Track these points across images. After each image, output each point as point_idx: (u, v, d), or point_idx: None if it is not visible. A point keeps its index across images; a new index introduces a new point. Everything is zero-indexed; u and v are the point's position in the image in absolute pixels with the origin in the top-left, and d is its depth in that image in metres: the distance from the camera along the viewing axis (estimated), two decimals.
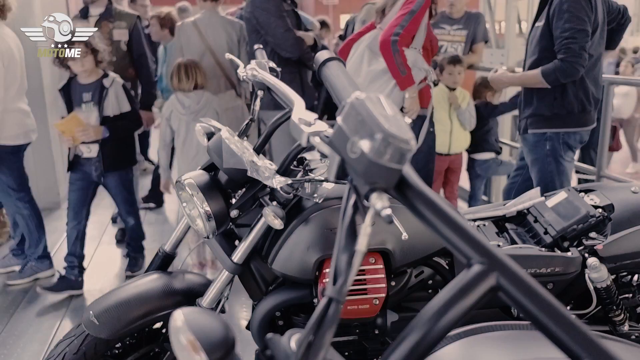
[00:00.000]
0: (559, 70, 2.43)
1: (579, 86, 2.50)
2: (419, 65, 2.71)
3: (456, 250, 0.57)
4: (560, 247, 1.93)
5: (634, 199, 1.99)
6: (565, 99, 2.52)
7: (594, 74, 2.54)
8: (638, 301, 2.07)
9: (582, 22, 2.38)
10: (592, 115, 2.60)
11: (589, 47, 2.43)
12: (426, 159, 2.87)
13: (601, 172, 2.91)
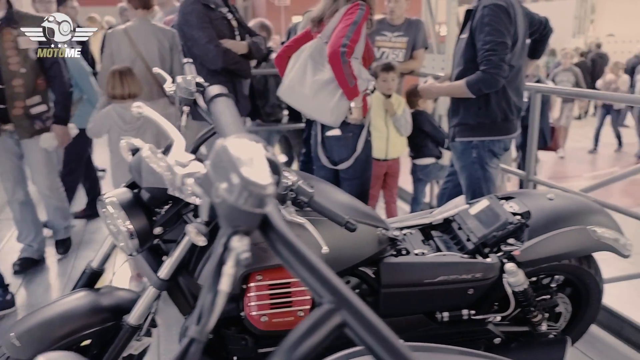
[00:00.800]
0: (481, 81, 2.53)
1: (502, 96, 2.61)
2: (362, 75, 2.75)
3: (311, 289, 0.61)
4: (482, 254, 2.03)
5: (550, 205, 2.10)
6: (489, 109, 2.63)
7: (515, 84, 2.65)
8: (556, 302, 2.20)
9: (502, 35, 2.49)
10: (515, 123, 2.72)
11: (510, 59, 2.54)
12: (364, 167, 2.93)
13: (529, 176, 3.04)
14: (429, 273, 1.90)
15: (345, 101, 2.71)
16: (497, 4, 2.49)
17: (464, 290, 1.94)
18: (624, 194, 7.32)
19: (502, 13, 2.48)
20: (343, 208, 1.84)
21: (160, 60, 3.16)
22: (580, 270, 2.14)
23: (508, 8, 2.50)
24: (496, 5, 2.49)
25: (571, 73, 8.46)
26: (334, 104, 2.70)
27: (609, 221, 2.13)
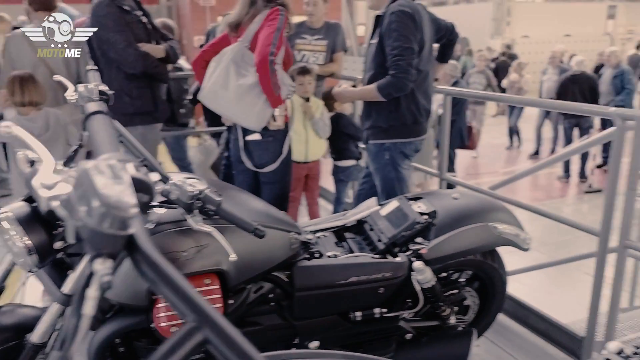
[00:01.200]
0: (390, 85, 2.62)
1: (411, 100, 2.72)
2: (285, 81, 2.77)
3: (175, 308, 0.62)
4: (392, 253, 2.10)
5: (455, 204, 2.21)
6: (399, 112, 2.72)
7: (424, 87, 2.76)
8: (464, 296, 2.31)
9: (409, 41, 2.59)
10: (424, 125, 2.83)
11: (418, 64, 2.65)
12: (284, 171, 2.95)
13: (442, 175, 3.17)
14: (341, 274, 1.95)
15: (269, 107, 2.72)
16: (403, 10, 2.58)
17: (375, 290, 2.01)
18: (536, 188, 7.77)
19: (408, 19, 2.58)
20: (255, 214, 1.86)
21: (65, 64, 3.04)
22: (485, 264, 2.25)
23: (414, 14, 2.59)
24: (402, 12, 2.58)
25: (483, 75, 8.79)
26: (259, 109, 2.71)
27: (510, 217, 2.27)
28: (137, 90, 3.14)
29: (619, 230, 2.20)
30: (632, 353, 1.22)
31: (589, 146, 2.49)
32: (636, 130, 2.02)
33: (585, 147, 2.52)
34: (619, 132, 2.09)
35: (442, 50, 3.03)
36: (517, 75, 9.28)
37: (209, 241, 1.65)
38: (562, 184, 7.77)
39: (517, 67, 9.55)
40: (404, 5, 2.60)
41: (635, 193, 2.10)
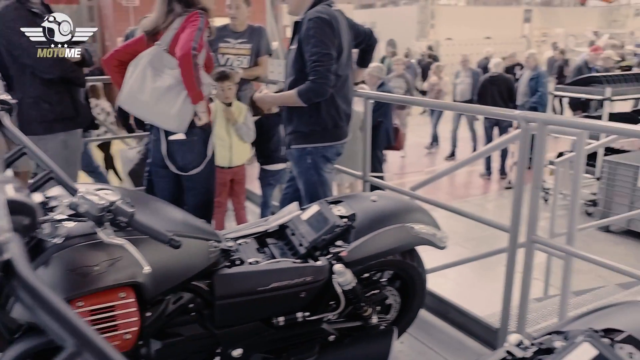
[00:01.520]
0: (310, 91, 2.66)
1: (331, 104, 2.76)
2: (205, 80, 2.75)
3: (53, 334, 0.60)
4: (313, 257, 2.12)
5: (373, 207, 2.26)
6: (319, 116, 2.76)
7: (344, 92, 2.82)
8: (385, 295, 2.37)
9: (327, 47, 2.63)
10: (345, 129, 2.88)
11: (337, 69, 2.70)
12: (207, 176, 2.92)
13: (365, 177, 3.23)
14: (262, 281, 1.96)
15: (189, 105, 2.70)
16: (320, 17, 2.62)
17: (297, 294, 2.02)
18: (460, 185, 8.08)
19: (326, 26, 2.62)
20: (171, 224, 1.83)
21: None
22: (405, 264, 2.32)
23: (331, 21, 2.64)
24: (320, 18, 2.62)
25: (403, 80, 8.93)
26: (177, 109, 2.68)
27: (426, 218, 2.35)
28: (56, 96, 3.02)
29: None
30: (529, 344, 1.30)
31: (499, 147, 2.62)
32: (538, 132, 2.15)
33: (495, 147, 2.65)
34: (524, 133, 2.22)
35: (361, 55, 3.10)
36: (436, 78, 9.54)
37: (122, 254, 1.61)
38: (484, 181, 8.12)
39: (436, 69, 9.79)
40: (321, 12, 2.64)
41: (539, 191, 2.23)
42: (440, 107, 8.81)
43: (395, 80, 8.79)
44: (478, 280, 4.88)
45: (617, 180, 5.91)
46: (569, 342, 1.23)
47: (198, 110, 2.72)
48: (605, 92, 6.33)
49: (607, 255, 5.71)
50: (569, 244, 2.31)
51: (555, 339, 1.28)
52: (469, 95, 8.80)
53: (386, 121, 6.37)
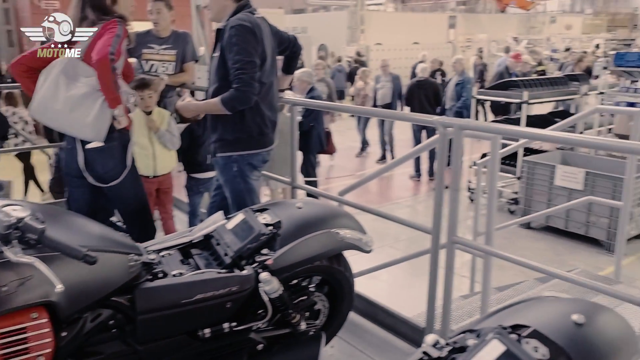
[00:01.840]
0: (234, 99, 2.65)
1: (256, 112, 2.76)
2: (123, 88, 2.68)
3: None
4: (239, 267, 2.11)
5: (299, 214, 2.27)
6: (244, 124, 2.75)
7: (268, 99, 2.82)
8: (314, 301, 2.38)
9: (250, 54, 2.63)
10: (271, 137, 2.89)
11: (261, 76, 2.70)
12: (131, 182, 2.85)
13: (294, 183, 3.25)
14: (186, 293, 1.92)
15: (107, 111, 2.63)
16: (242, 24, 2.61)
17: (223, 305, 2.00)
18: (391, 188, 8.26)
19: (248, 33, 2.61)
20: (87, 239, 1.76)
21: None
22: (332, 269, 2.34)
23: (254, 28, 2.63)
24: (242, 25, 2.61)
25: (325, 84, 8.88)
26: (93, 117, 2.62)
27: (352, 222, 2.38)
28: None
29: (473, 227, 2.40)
30: (445, 344, 1.34)
31: (421, 151, 2.72)
32: (455, 136, 2.23)
33: (418, 151, 2.73)
34: (442, 138, 2.30)
35: (286, 62, 3.11)
36: (362, 83, 9.69)
37: (32, 273, 1.54)
38: (414, 183, 8.35)
39: (362, 74, 9.92)
40: (244, 20, 2.63)
41: (458, 193, 2.32)
42: (364, 113, 8.95)
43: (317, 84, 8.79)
44: (409, 280, 5.00)
45: (536, 179, 6.23)
46: (480, 340, 1.28)
47: (116, 114, 2.66)
48: (523, 95, 6.67)
49: (528, 250, 6.02)
50: (488, 243, 2.41)
51: (468, 338, 1.33)
52: (389, 99, 9.02)
53: (318, 126, 6.43)
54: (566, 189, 5.91)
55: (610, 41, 26.95)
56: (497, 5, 25.53)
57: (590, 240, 5.84)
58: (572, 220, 5.96)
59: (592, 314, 1.34)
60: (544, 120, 7.36)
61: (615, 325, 1.36)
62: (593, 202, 4.66)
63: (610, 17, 35.72)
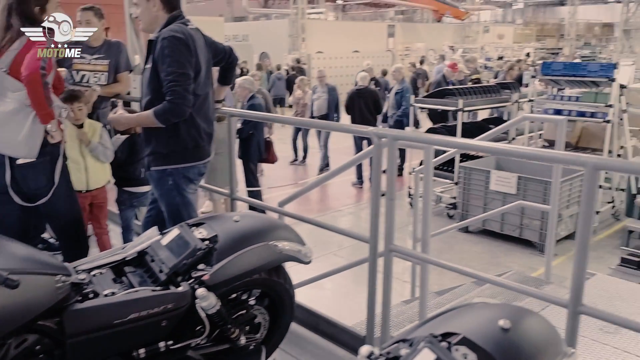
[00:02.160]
0: (168, 111, 2.60)
1: (190, 124, 2.71)
2: (55, 102, 2.59)
3: None
4: (174, 283, 2.06)
5: (236, 227, 2.25)
6: (179, 137, 2.70)
7: (204, 111, 2.78)
8: (253, 315, 2.36)
9: (183, 66, 2.58)
10: (207, 149, 2.84)
11: (195, 88, 2.65)
12: (67, 202, 2.76)
13: (233, 195, 3.21)
14: (119, 313, 1.86)
15: (39, 127, 2.53)
16: (175, 36, 2.56)
17: (158, 323, 1.95)
18: (334, 195, 8.32)
19: (181, 45, 2.57)
20: (9, 261, 1.68)
21: None
22: (271, 281, 2.33)
23: (186, 40, 2.59)
24: (174, 37, 2.56)
25: (261, 95, 8.84)
26: (25, 135, 2.53)
27: (290, 234, 2.38)
28: None
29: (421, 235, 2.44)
30: (379, 354, 1.36)
31: (358, 161, 2.74)
32: (389, 147, 2.28)
33: (355, 161, 2.77)
34: (376, 148, 2.34)
35: (222, 73, 3.08)
36: (301, 92, 9.65)
37: None
38: (357, 190, 8.44)
39: (300, 83, 9.86)
40: (176, 31, 2.59)
41: (394, 202, 2.36)
42: (300, 124, 8.96)
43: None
44: (353, 287, 5.03)
45: (472, 185, 6.44)
46: (412, 349, 1.31)
47: (49, 129, 2.56)
48: (458, 103, 6.89)
49: (466, 254, 6.18)
50: (424, 250, 2.47)
51: (401, 347, 1.36)
52: (325, 110, 8.96)
53: (257, 133, 6.41)
54: (501, 193, 6.13)
55: (540, 50, 28.33)
56: (434, 15, 26.32)
57: (524, 242, 6.09)
58: (507, 223, 6.19)
59: (517, 318, 1.39)
60: (479, 127, 7.63)
61: (540, 328, 1.42)
62: (525, 206, 4.86)
63: (539, 27, 37.55)
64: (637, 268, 4.22)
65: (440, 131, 7.57)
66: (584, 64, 7.00)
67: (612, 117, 6.22)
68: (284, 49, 19.08)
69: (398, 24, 26.11)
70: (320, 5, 32.92)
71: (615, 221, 6.81)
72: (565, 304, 1.81)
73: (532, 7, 46.03)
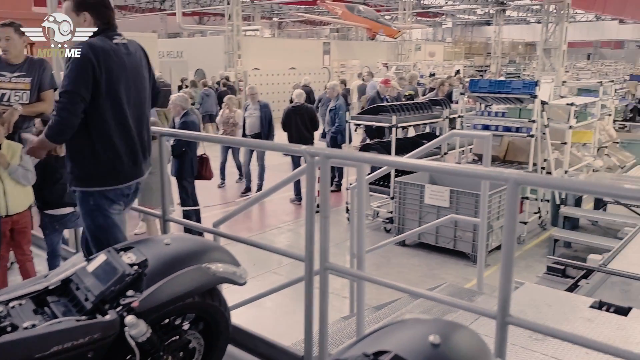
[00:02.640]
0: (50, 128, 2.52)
1: (108, 147, 2.61)
2: None
3: None
4: (102, 312, 1.97)
5: (167, 250, 2.18)
6: (94, 159, 2.60)
7: (124, 133, 2.66)
8: (187, 340, 2.29)
9: (77, 85, 2.47)
10: (127, 171, 2.70)
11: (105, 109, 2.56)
12: None
13: (166, 216, 3.12)
14: (40, 346, 1.76)
15: None
16: (80, 51, 2.48)
17: (84, 355, 1.86)
18: (273, 212, 8.27)
19: (83, 63, 2.48)
20: None
21: None
22: (205, 305, 2.27)
23: (92, 58, 2.50)
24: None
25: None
26: None
27: (224, 255, 2.33)
28: None
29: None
30: None
31: (292, 179, 2.75)
32: (322, 165, 2.29)
33: (289, 179, 2.77)
34: (310, 167, 2.35)
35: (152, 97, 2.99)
36: (228, 111, 9.25)
37: None
38: (295, 206, 8.43)
39: (228, 102, 9.47)
40: (87, 47, 2.50)
41: (328, 220, 2.36)
42: (233, 143, 8.73)
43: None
44: (293, 306, 4.98)
45: (408, 199, 6.58)
46: None
47: None
48: (392, 120, 7.04)
49: (404, 267, 6.28)
50: (360, 267, 2.48)
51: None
52: (258, 129, 8.65)
53: (190, 151, 6.29)
54: (435, 206, 6.30)
55: (469, 67, 29.54)
56: (368, 34, 26.92)
57: (459, 254, 6.26)
58: (441, 235, 6.35)
59: (447, 333, 1.41)
60: (413, 143, 7.83)
61: (469, 341, 1.45)
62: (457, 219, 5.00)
63: (468, 45, 39.22)
64: (562, 276, 4.42)
65: (375, 147, 7.71)
66: (508, 82, 7.33)
67: (535, 132, 6.54)
68: (220, 66, 18.94)
69: (333, 42, 26.55)
70: (255, 22, 33.03)
71: (543, 231, 7.14)
72: (494, 316, 1.87)
73: (460, 26, 48.10)
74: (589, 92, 8.70)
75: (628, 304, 3.31)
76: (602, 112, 8.42)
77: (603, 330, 2.97)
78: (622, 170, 8.72)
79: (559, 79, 11.01)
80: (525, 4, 33.45)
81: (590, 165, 7.97)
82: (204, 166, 6.62)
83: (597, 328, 2.98)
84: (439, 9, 37.98)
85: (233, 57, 18.92)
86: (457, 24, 47.87)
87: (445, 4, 36.00)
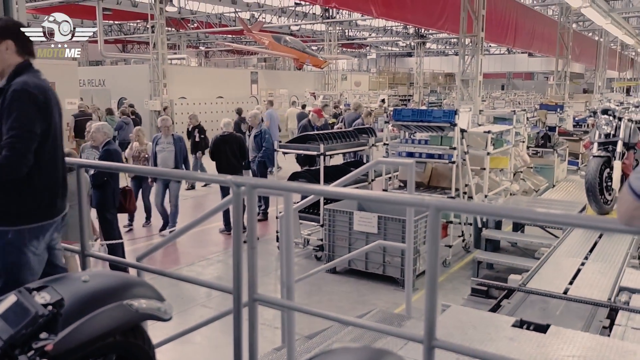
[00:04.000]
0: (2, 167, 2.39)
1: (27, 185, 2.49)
2: None
3: None
4: (12, 357, 1.83)
5: (85, 288, 2.07)
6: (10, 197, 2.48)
7: (47, 171, 2.55)
8: None
9: (30, 124, 2.41)
10: (47, 210, 2.59)
11: (45, 146, 2.47)
12: None
13: (86, 251, 2.97)
14: None
15: None
16: (27, 90, 2.41)
17: None
18: (203, 243, 8.08)
19: (31, 100, 2.40)
20: None
21: None
22: (128, 344, 2.17)
23: (39, 96, 2.44)
24: (25, 91, 2.40)
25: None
26: None
27: (147, 291, 2.24)
28: None
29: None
30: None
31: (217, 211, 2.70)
32: (248, 195, 2.27)
33: (216, 209, 2.72)
34: (236, 197, 2.32)
35: None
36: (138, 144, 8.60)
37: None
38: (225, 237, 8.29)
39: (137, 134, 8.79)
40: (29, 85, 2.42)
41: (256, 251, 2.33)
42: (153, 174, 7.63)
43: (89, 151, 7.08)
44: (224, 338, 4.86)
45: (337, 226, 6.64)
46: None
47: None
48: (320, 148, 7.13)
49: (335, 294, 6.29)
50: (289, 297, 2.46)
51: None
52: (172, 164, 8.01)
53: (112, 181, 6.06)
54: (364, 233, 6.38)
55: (394, 96, 30.56)
56: (295, 64, 27.31)
57: (388, 279, 6.35)
58: (371, 261, 6.43)
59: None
60: (341, 170, 7.94)
61: None
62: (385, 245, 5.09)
63: (392, 75, 40.62)
64: (486, 296, 4.57)
65: (304, 175, 7.76)
66: (430, 111, 7.64)
67: (456, 159, 6.82)
68: (145, 95, 18.52)
69: (261, 71, 26.68)
70: (182, 51, 32.70)
71: (467, 253, 7.40)
72: (421, 340, 1.90)
73: (384, 57, 49.88)
74: (504, 120, 9.20)
75: (546, 321, 3.47)
76: (516, 139, 8.90)
77: (525, 348, 3.09)
78: (536, 194, 9.24)
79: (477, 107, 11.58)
80: (444, 37, 35.21)
81: (507, 189, 8.39)
82: (127, 198, 6.40)
83: (519, 347, 3.10)
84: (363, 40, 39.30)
85: (159, 85, 18.56)
86: (381, 55, 49.64)
87: (369, 35, 37.30)
